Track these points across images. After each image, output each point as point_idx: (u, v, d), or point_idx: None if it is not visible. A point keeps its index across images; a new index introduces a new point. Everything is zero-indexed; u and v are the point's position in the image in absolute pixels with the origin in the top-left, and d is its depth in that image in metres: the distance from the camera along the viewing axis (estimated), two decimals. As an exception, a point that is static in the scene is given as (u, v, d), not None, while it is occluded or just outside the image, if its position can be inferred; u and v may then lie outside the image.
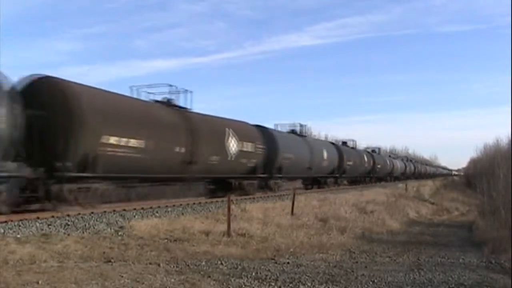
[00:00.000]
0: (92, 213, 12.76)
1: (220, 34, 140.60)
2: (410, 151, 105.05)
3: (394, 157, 64.29)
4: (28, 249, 8.29)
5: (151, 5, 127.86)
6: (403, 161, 68.36)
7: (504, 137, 38.71)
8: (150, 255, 8.91)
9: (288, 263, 8.96)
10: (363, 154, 44.31)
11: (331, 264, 9.03)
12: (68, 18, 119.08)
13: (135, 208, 14.39)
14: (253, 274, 7.73)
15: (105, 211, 13.20)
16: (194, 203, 17.10)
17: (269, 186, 24.12)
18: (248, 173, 21.78)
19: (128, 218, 12.42)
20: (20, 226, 10.39)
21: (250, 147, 21.33)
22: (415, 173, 72.32)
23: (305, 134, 31.33)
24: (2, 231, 9.74)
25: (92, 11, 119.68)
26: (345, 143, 42.05)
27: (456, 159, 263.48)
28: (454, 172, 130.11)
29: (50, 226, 10.63)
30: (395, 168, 56.85)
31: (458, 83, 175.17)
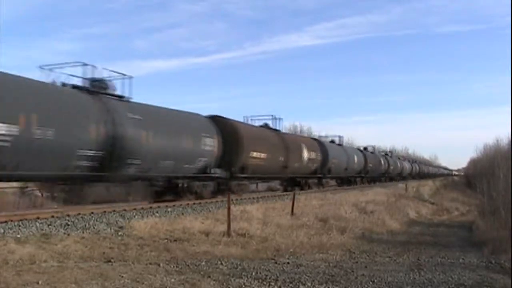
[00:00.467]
0: (92, 213, 12.76)
1: (220, 34, 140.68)
2: (410, 151, 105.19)
3: (402, 159, 69.61)
4: (28, 249, 8.28)
5: (151, 5, 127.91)
6: (410, 162, 74.01)
7: (504, 137, 38.66)
8: (150, 255, 8.90)
9: (288, 263, 8.96)
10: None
11: (331, 264, 9.03)
12: (68, 18, 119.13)
13: (135, 208, 14.39)
14: (253, 274, 7.73)
15: (105, 211, 13.20)
16: (194, 203, 17.09)
17: (321, 184, 32.60)
18: (311, 173, 30.25)
19: (128, 218, 12.41)
20: (20, 226, 10.39)
21: (313, 155, 29.67)
22: (420, 173, 77.35)
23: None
24: (2, 231, 9.74)
25: (92, 11, 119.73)
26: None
27: (456, 159, 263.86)
28: (455, 172, 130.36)
29: (50, 226, 10.63)
30: (404, 169, 62.71)
31: (458, 83, 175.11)
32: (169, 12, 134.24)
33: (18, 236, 9.46)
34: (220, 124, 19.89)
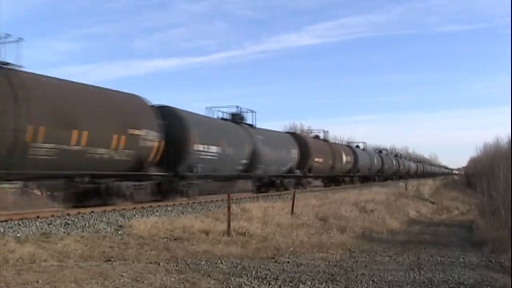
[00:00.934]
0: (92, 212, 12.77)
1: (220, 34, 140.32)
2: (410, 151, 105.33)
3: (409, 160, 78.66)
4: (28, 248, 8.28)
5: (151, 5, 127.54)
6: (415, 162, 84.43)
7: (504, 137, 38.70)
8: (150, 254, 8.91)
9: (288, 262, 8.96)
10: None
11: (331, 263, 9.03)
12: (68, 18, 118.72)
13: (135, 207, 14.39)
14: (253, 273, 7.73)
15: (105, 210, 13.21)
16: (194, 202, 17.11)
17: (352, 181, 39.59)
18: (347, 173, 38.33)
19: (128, 217, 12.41)
20: (20, 225, 10.39)
21: (349, 159, 37.31)
22: (424, 172, 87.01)
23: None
24: (2, 230, 9.74)
25: (92, 11, 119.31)
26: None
27: (455, 158, 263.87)
28: (455, 172, 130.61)
29: (50, 225, 10.63)
30: (412, 168, 73.71)
31: (458, 83, 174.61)
32: (169, 12, 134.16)
33: (18, 235, 9.46)
34: (298, 139, 29.49)
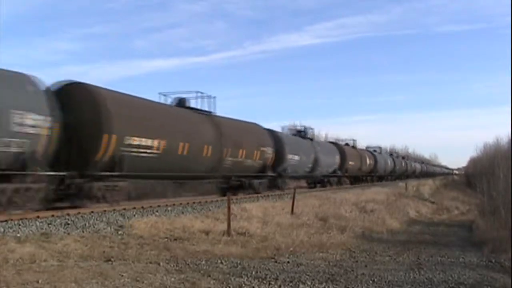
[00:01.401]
0: (92, 212, 12.77)
1: (220, 34, 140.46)
2: (410, 150, 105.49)
3: (414, 160, 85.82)
4: (28, 248, 8.28)
5: (151, 5, 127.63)
6: (420, 163, 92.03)
7: (504, 137, 38.67)
8: (150, 254, 8.90)
9: (288, 262, 8.96)
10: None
11: (331, 263, 9.03)
12: (68, 18, 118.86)
13: (135, 207, 14.40)
14: (253, 273, 7.73)
15: (105, 210, 13.21)
16: (194, 202, 17.11)
17: (372, 180, 47.85)
18: (369, 173, 46.73)
19: (128, 217, 12.41)
20: (20, 225, 10.39)
21: (371, 161, 46.08)
22: (427, 172, 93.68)
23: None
24: (2, 230, 9.74)
25: (92, 11, 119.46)
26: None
27: (455, 158, 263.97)
28: (455, 172, 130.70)
29: (50, 225, 10.63)
30: (417, 169, 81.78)
31: (458, 83, 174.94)
32: (169, 12, 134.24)
33: (18, 235, 9.46)
34: (339, 148, 38.00)
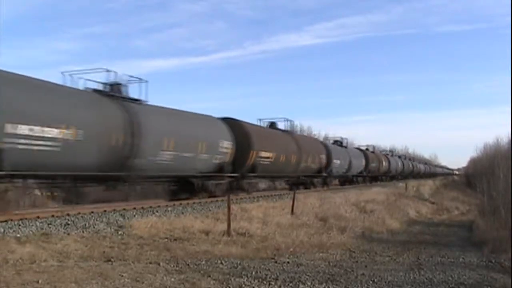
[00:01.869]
0: (92, 212, 12.78)
1: (220, 34, 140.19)
2: (410, 151, 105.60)
3: (418, 162, 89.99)
4: (28, 248, 8.29)
5: (151, 5, 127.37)
6: (423, 164, 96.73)
7: (504, 137, 38.62)
8: (150, 254, 8.91)
9: (288, 262, 8.96)
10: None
11: (331, 264, 9.03)
12: (68, 18, 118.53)
13: (135, 208, 14.40)
14: (253, 273, 7.73)
15: (105, 210, 13.21)
16: (194, 202, 17.11)
17: (388, 180, 53.66)
18: (385, 173, 53.10)
19: (128, 218, 12.42)
20: (20, 225, 10.39)
21: (386, 163, 52.99)
22: (430, 172, 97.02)
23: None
24: (2, 230, 9.74)
25: (92, 11, 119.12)
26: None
27: (455, 158, 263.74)
28: (456, 172, 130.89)
29: (50, 226, 10.63)
30: (421, 169, 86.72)
31: (458, 83, 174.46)
32: (169, 12, 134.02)
33: (18, 235, 9.46)
34: (364, 153, 45.24)
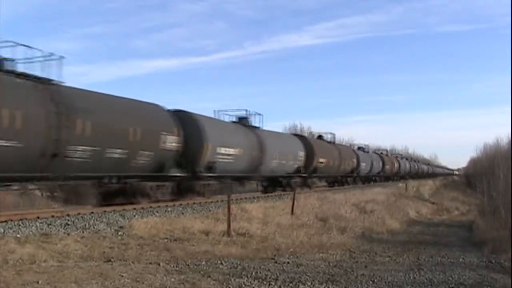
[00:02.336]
0: (92, 212, 12.77)
1: (220, 34, 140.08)
2: (410, 151, 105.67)
3: (422, 163, 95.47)
4: (28, 248, 8.29)
5: (151, 5, 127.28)
6: (427, 165, 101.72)
7: (504, 137, 38.60)
8: (150, 254, 8.91)
9: (288, 262, 8.96)
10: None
11: (331, 264, 9.03)
12: (68, 18, 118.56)
13: (135, 208, 14.40)
14: (253, 273, 7.73)
15: (105, 211, 13.21)
16: (194, 202, 17.11)
17: (398, 179, 57.05)
18: (396, 174, 58.54)
19: (128, 218, 12.42)
20: (20, 225, 10.39)
21: (397, 165, 60.43)
22: (432, 173, 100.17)
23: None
24: (2, 230, 9.75)
25: (92, 11, 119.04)
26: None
27: (455, 158, 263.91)
28: (456, 172, 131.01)
29: (50, 226, 10.64)
30: (425, 170, 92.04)
31: (458, 83, 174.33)
32: (169, 12, 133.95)
33: (18, 235, 9.46)
34: (382, 157, 49.29)
